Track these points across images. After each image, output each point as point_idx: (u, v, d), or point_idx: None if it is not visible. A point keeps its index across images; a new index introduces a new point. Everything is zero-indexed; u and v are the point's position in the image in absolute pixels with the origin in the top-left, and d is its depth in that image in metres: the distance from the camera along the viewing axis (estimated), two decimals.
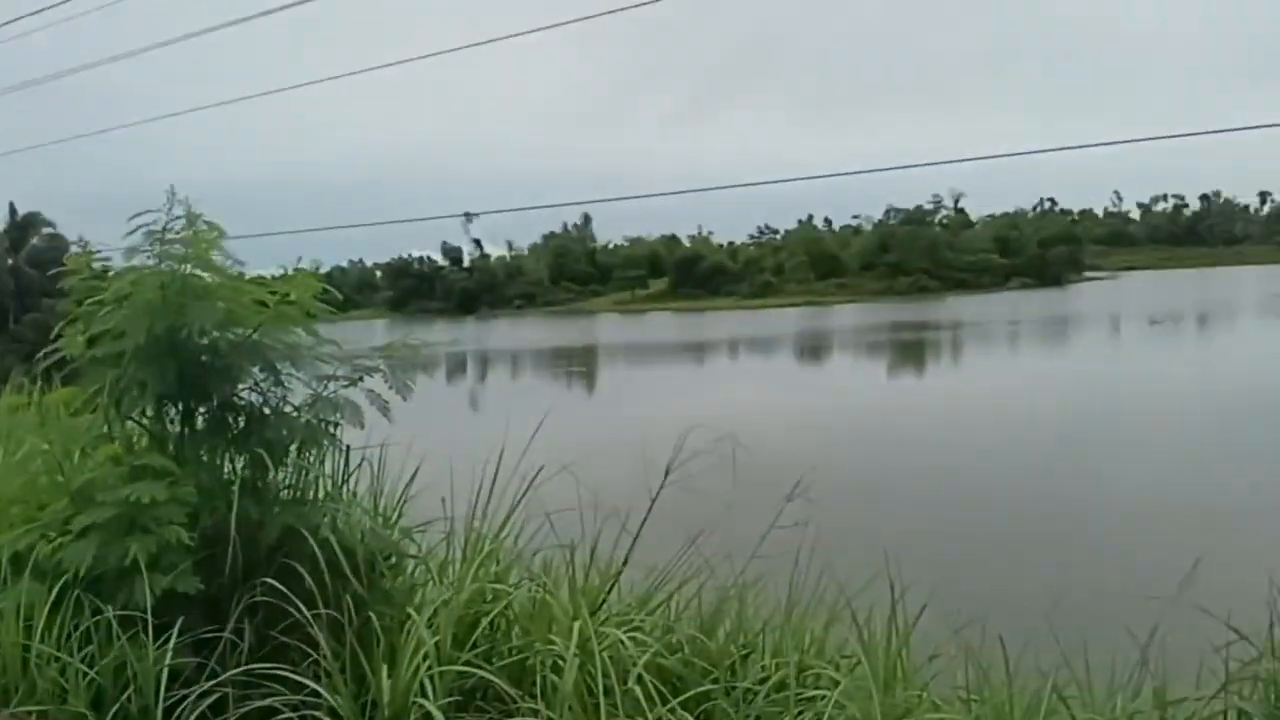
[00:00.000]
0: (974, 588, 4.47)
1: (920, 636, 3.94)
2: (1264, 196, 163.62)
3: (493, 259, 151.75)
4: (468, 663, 3.41)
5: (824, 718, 3.17)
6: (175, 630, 3.25)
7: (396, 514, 4.56)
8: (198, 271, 4.12)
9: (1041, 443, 22.95)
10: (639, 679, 3.30)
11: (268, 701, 3.22)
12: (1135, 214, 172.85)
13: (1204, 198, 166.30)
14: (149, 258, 4.02)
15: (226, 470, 4.08)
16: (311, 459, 4.31)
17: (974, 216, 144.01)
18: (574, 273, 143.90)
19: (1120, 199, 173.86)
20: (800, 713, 3.31)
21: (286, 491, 4.21)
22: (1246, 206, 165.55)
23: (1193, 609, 3.63)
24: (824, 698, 3.27)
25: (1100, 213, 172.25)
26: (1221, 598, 3.53)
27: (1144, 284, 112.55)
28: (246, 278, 4.41)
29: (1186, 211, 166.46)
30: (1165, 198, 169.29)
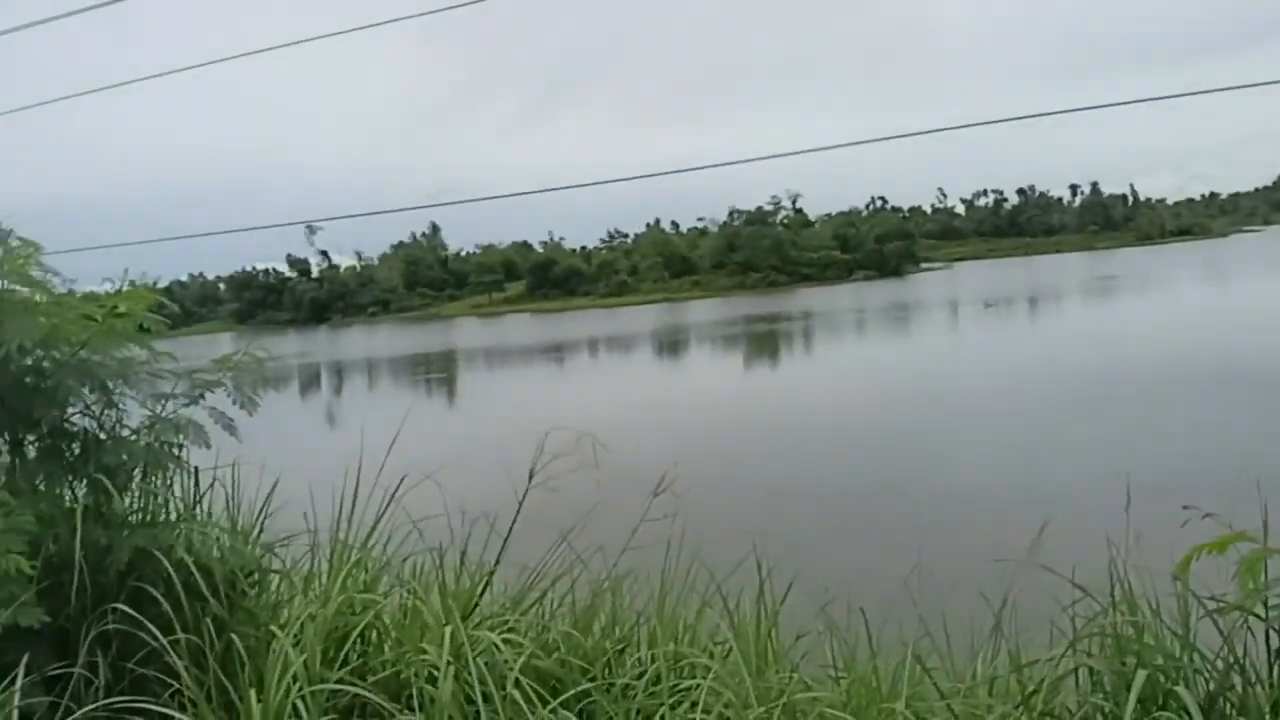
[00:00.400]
0: (836, 568, 4.64)
1: (788, 617, 4.08)
2: (1074, 189, 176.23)
3: (342, 269, 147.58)
4: (340, 680, 3.31)
5: (699, 706, 3.22)
6: (21, 668, 3.03)
7: (256, 530, 4.37)
8: (15, 286, 3.86)
9: (894, 426, 24.00)
10: (516, 682, 3.28)
11: None
12: (960, 209, 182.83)
13: (1021, 191, 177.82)
14: None
15: (67, 498, 3.83)
16: (158, 482, 4.09)
17: (812, 216, 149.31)
18: (428, 279, 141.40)
19: (944, 195, 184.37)
20: (677, 703, 3.36)
21: (135, 516, 3.99)
22: (1060, 199, 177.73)
23: (1042, 574, 3.86)
24: (699, 686, 3.33)
25: (928, 209, 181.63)
26: (1065, 562, 3.76)
27: (974, 272, 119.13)
28: (74, 294, 4.16)
29: (1006, 205, 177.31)
30: (986, 193, 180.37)
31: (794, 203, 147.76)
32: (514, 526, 4.41)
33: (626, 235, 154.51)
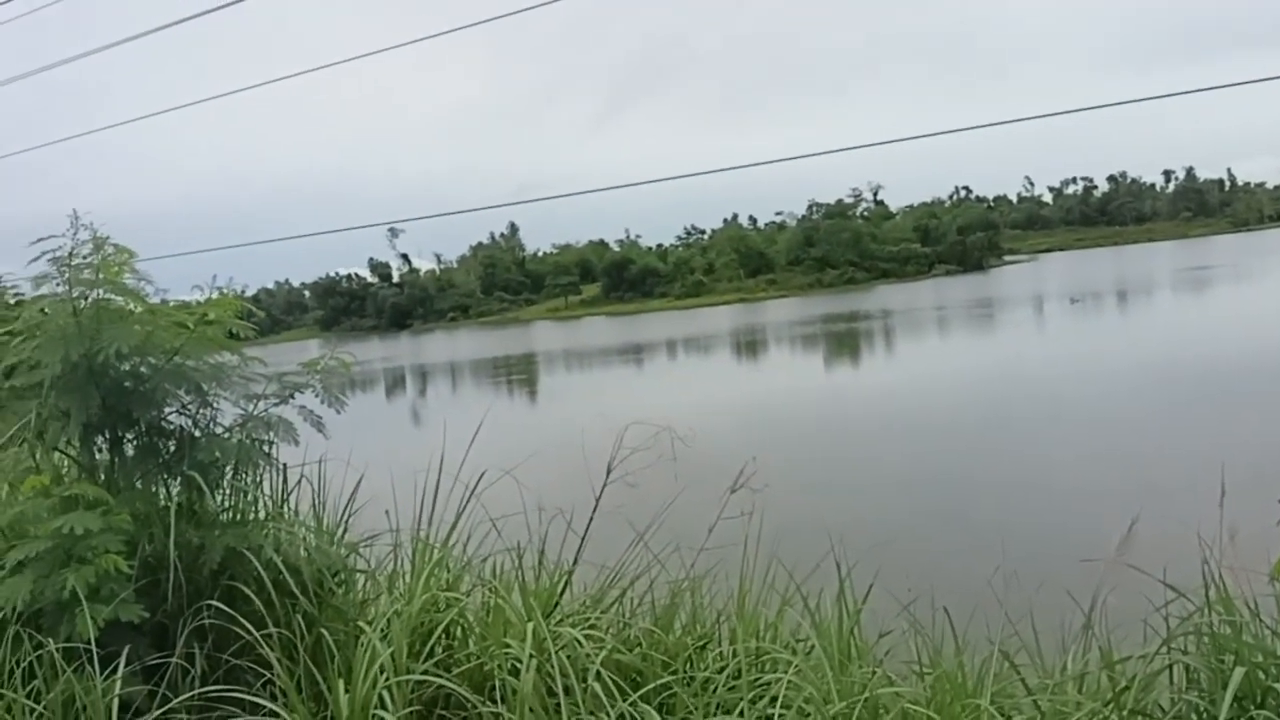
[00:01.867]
0: (919, 566, 4.55)
1: (870, 616, 4.02)
2: (1168, 175, 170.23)
3: (422, 273, 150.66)
4: (425, 672, 3.37)
5: (780, 699, 3.20)
6: (122, 660, 3.16)
7: (341, 529, 4.48)
8: (111, 295, 4.03)
9: (976, 423, 23.50)
10: (598, 676, 3.30)
11: None
12: (1048, 197, 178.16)
13: (1112, 179, 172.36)
14: (58, 284, 3.90)
15: (161, 496, 3.98)
16: (248, 480, 4.23)
17: (893, 208, 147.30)
18: (505, 282, 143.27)
19: (1032, 184, 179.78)
20: (758, 697, 3.34)
21: (226, 514, 4.13)
22: (1152, 185, 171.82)
23: (1132, 572, 3.74)
24: (779, 681, 3.30)
25: (1014, 198, 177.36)
26: (1158, 560, 3.64)
27: (1061, 264, 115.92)
28: (167, 302, 4.33)
29: (1096, 193, 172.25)
30: (1075, 180, 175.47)
31: (875, 194, 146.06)
32: (591, 523, 4.44)
33: (704, 231, 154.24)
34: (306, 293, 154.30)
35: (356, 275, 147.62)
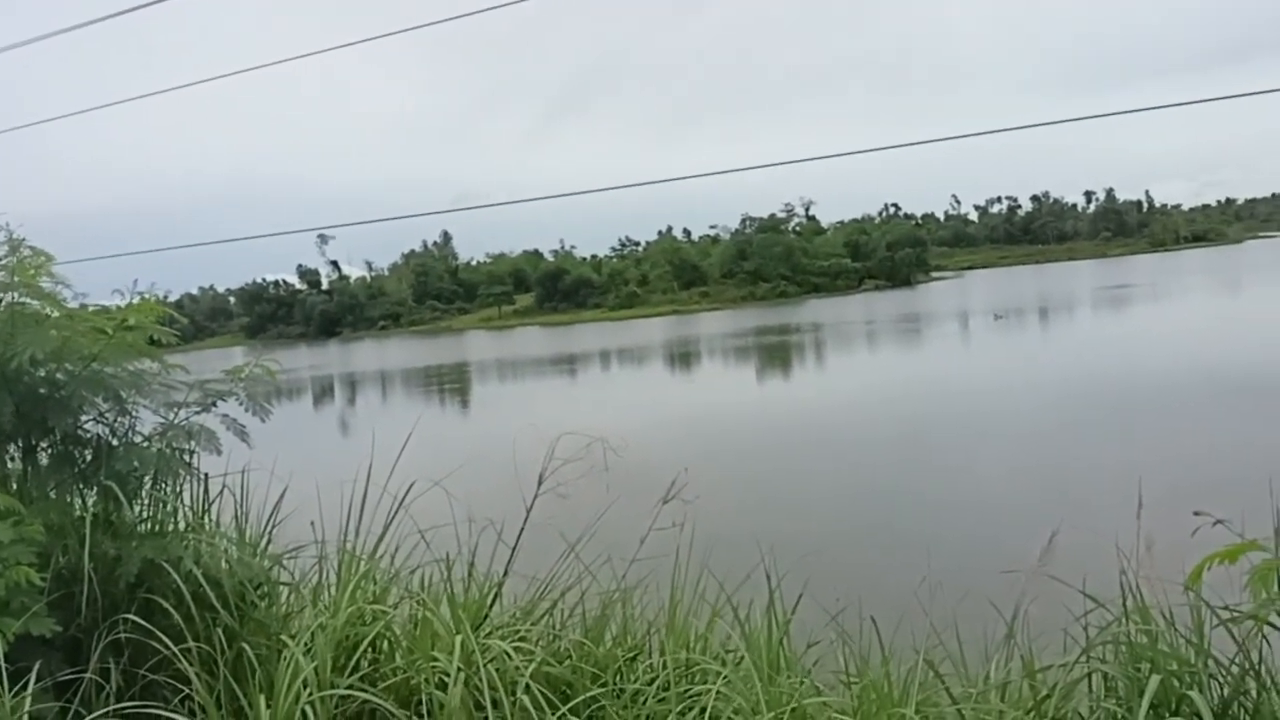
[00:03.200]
0: (847, 577, 4.62)
1: (799, 626, 4.06)
2: (1089, 195, 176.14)
3: (352, 280, 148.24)
4: (350, 687, 3.30)
5: (709, 710, 3.20)
6: (33, 675, 3.04)
7: (264, 541, 4.38)
8: (26, 299, 3.90)
9: (903, 437, 23.94)
10: (526, 689, 3.27)
11: None
12: (974, 216, 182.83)
13: (1035, 198, 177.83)
14: None
15: (77, 506, 3.85)
16: (168, 490, 4.11)
17: (825, 223, 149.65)
18: (438, 291, 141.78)
19: (959, 202, 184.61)
20: (688, 709, 3.34)
21: (144, 525, 4.01)
22: (1074, 205, 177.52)
23: (1053, 582, 3.83)
24: (709, 691, 3.31)
25: (942, 216, 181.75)
26: (1078, 571, 3.73)
27: (986, 281, 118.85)
28: (86, 306, 4.19)
29: (1020, 212, 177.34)
30: (1000, 199, 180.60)
31: (807, 210, 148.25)
32: (522, 534, 4.40)
33: (638, 243, 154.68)
34: (232, 299, 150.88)
35: (284, 282, 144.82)
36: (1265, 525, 3.26)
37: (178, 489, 4.14)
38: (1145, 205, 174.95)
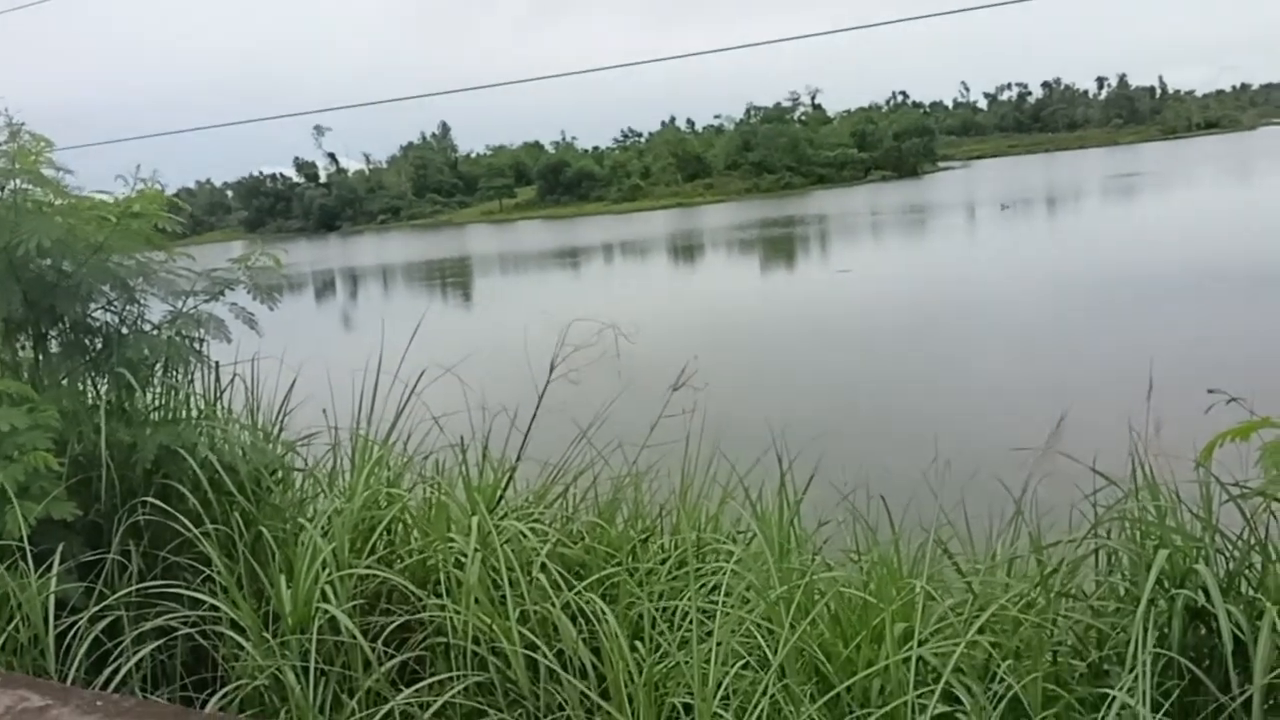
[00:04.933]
0: (856, 461, 4.64)
1: (810, 507, 4.11)
2: (1101, 82, 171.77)
3: (350, 173, 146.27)
4: (368, 568, 3.36)
5: (723, 588, 3.26)
6: (56, 557, 3.10)
7: (277, 428, 4.41)
8: (29, 186, 3.83)
9: (910, 326, 23.94)
10: (543, 568, 3.32)
11: (163, 620, 3.12)
12: (983, 104, 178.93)
13: (1046, 85, 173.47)
14: None
15: (89, 394, 3.86)
16: (180, 378, 4.11)
17: (831, 113, 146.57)
18: (437, 184, 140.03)
19: (968, 89, 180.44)
20: (701, 585, 3.40)
21: (157, 412, 4.02)
22: (1086, 92, 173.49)
23: (1062, 463, 3.85)
24: (722, 570, 3.36)
25: (950, 104, 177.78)
26: (1088, 452, 3.74)
27: (994, 171, 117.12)
28: (85, 193, 4.13)
29: (1030, 99, 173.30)
30: (1010, 86, 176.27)
31: (813, 99, 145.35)
32: (535, 420, 4.42)
33: (640, 135, 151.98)
34: (229, 193, 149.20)
35: (282, 175, 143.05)
36: (1278, 405, 3.25)
37: (189, 377, 4.15)
38: (1159, 91, 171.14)
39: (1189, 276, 26.34)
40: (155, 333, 3.96)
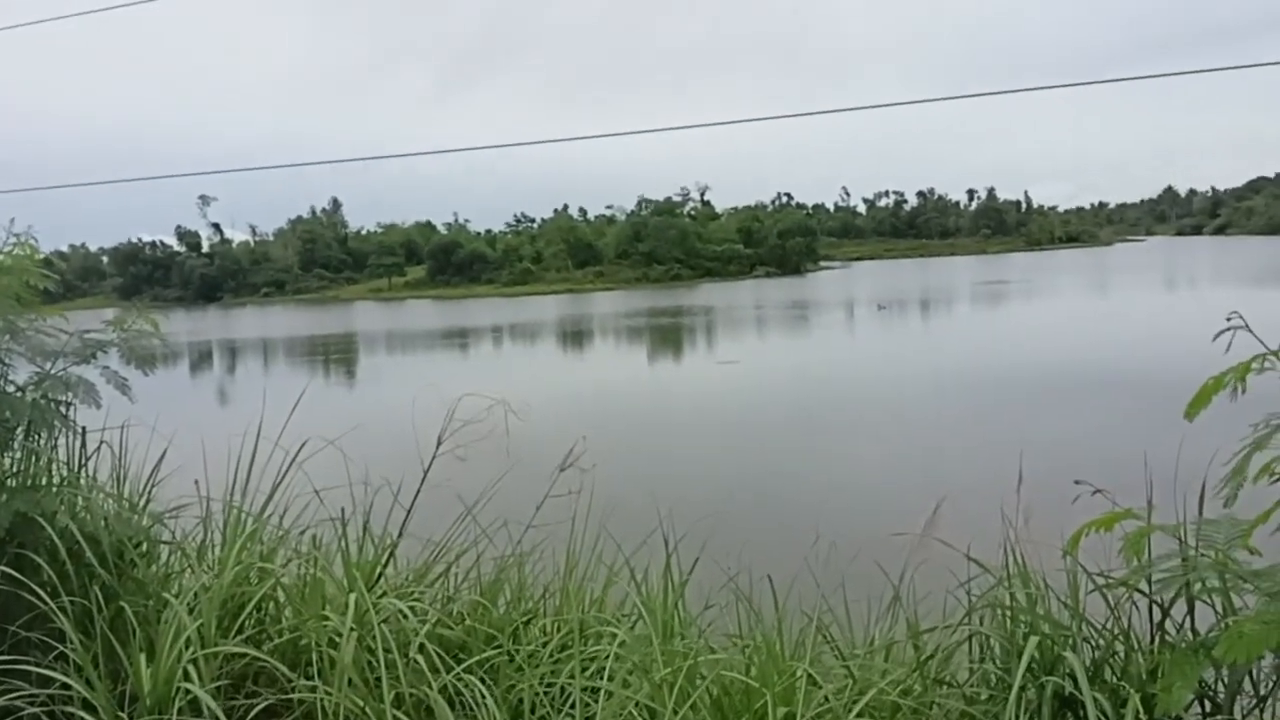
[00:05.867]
0: (739, 544, 4.69)
1: (695, 590, 4.12)
2: (971, 194, 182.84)
3: (235, 245, 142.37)
4: (236, 646, 3.21)
5: (606, 670, 3.23)
6: None
7: (144, 498, 4.20)
8: None
9: (792, 417, 24.47)
10: (421, 648, 3.23)
11: (7, 699, 2.89)
12: (862, 208, 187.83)
13: (920, 194, 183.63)
14: None
15: None
16: (42, 442, 3.90)
17: (719, 209, 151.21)
18: (326, 259, 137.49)
19: (848, 194, 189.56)
20: (584, 668, 3.36)
21: (15, 478, 3.79)
22: (957, 202, 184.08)
23: (938, 550, 3.97)
24: (606, 652, 3.33)
25: (831, 207, 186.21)
26: (961, 539, 3.87)
27: (872, 272, 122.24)
28: None
29: (906, 206, 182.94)
30: (887, 194, 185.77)
31: (702, 195, 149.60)
32: (418, 495, 4.34)
33: (534, 220, 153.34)
34: (105, 258, 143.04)
35: (162, 243, 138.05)
36: (1139, 500, 3.44)
37: (53, 442, 3.94)
38: (1024, 205, 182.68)
39: (1053, 377, 27.83)
40: (19, 394, 3.76)
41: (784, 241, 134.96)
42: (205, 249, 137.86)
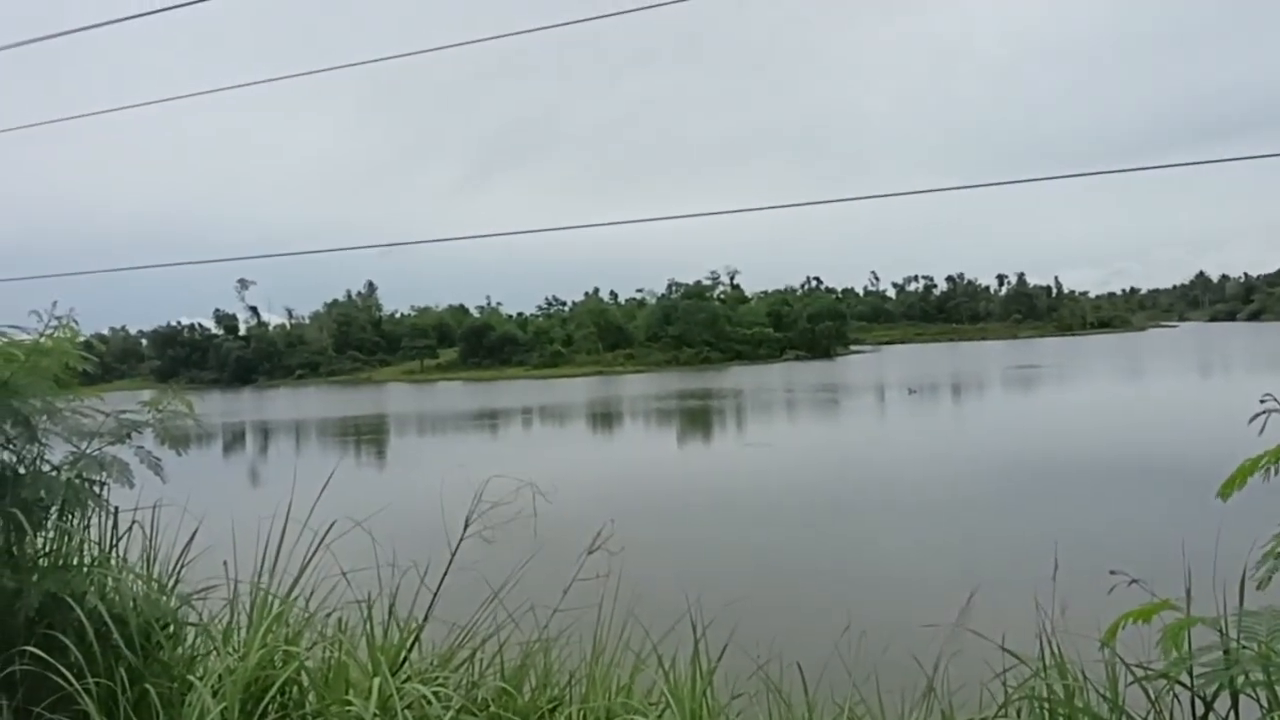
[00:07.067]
0: (769, 634, 4.62)
1: (723, 677, 4.04)
2: (1001, 279, 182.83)
3: (271, 327, 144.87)
4: None
5: None
6: None
7: (173, 579, 4.21)
8: None
9: (822, 501, 24.20)
10: None
11: None
12: (891, 293, 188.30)
13: (950, 279, 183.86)
14: None
15: None
16: (75, 521, 3.94)
17: (748, 293, 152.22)
18: (359, 342, 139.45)
19: (877, 278, 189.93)
20: None
21: (47, 558, 3.82)
22: (986, 287, 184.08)
23: (972, 640, 3.89)
24: None
25: (861, 291, 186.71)
26: (996, 631, 3.79)
27: (901, 356, 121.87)
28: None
29: (936, 291, 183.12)
30: (917, 278, 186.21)
31: (732, 278, 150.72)
32: (445, 578, 4.32)
33: (565, 303, 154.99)
34: (144, 340, 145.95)
35: (200, 326, 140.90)
36: (1176, 589, 3.36)
37: (85, 522, 3.98)
38: (1054, 290, 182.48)
39: (1087, 463, 27.41)
40: (55, 474, 3.82)
41: (814, 325, 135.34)
42: (242, 332, 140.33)
